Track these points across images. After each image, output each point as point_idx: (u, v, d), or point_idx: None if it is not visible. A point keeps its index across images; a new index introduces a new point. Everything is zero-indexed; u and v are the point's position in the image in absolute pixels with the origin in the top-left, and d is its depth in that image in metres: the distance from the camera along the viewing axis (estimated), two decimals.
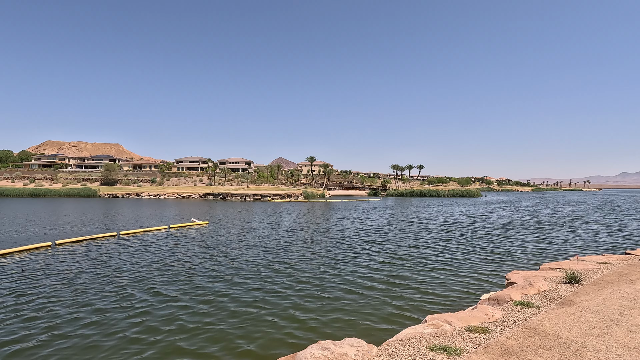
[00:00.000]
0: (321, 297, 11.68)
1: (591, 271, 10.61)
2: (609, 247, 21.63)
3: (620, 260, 12.17)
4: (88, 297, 11.86)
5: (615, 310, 7.23)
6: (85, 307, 10.95)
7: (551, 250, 20.46)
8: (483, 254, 19.00)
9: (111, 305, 11.06)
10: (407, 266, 16.25)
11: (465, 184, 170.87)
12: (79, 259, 17.66)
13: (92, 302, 11.38)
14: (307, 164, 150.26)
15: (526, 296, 8.32)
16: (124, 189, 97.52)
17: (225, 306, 10.97)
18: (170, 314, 10.36)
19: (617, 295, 8.26)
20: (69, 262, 16.85)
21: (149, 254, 18.99)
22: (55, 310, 10.68)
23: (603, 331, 6.24)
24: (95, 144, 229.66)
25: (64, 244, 21.68)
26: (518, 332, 6.21)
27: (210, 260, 17.35)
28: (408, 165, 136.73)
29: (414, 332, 6.32)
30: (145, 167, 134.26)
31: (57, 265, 16.33)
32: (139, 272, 15.07)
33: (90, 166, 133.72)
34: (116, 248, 20.55)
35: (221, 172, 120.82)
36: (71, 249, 20.33)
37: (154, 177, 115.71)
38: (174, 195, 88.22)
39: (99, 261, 17.15)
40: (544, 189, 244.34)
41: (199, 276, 14.48)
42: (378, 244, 22.44)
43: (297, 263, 16.68)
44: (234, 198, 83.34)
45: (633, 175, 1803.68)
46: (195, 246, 21.27)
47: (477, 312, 7.45)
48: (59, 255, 18.40)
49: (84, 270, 15.42)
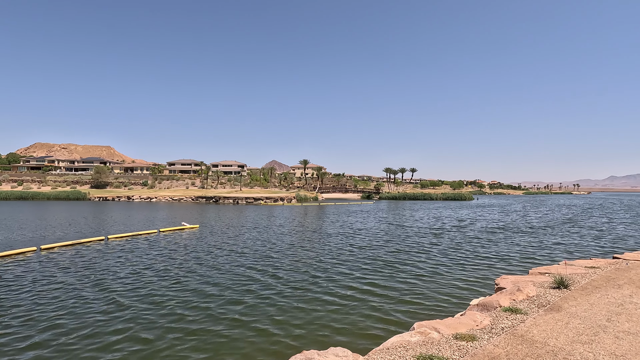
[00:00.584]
0: (307, 305, 11.48)
1: (579, 276, 10.63)
2: (598, 251, 21.84)
3: (608, 265, 12.23)
4: (67, 304, 11.54)
5: (602, 316, 7.21)
6: (66, 315, 10.64)
7: (541, 254, 20.57)
8: (473, 258, 19.02)
9: (91, 315, 10.77)
10: (397, 272, 16.16)
11: (457, 187, 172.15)
12: (64, 265, 17.25)
13: (73, 310, 11.07)
14: (301, 167, 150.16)
15: (515, 302, 8.27)
16: (114, 192, 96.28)
17: (207, 315, 10.71)
18: (150, 323, 10.10)
19: (604, 300, 8.25)
20: (52, 269, 16.44)
21: (135, 259, 18.63)
22: (32, 316, 10.36)
23: (590, 338, 6.19)
24: (86, 146, 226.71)
25: (49, 249, 21.20)
26: (506, 339, 6.13)
27: (197, 267, 17.07)
28: (401, 169, 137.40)
29: (401, 341, 6.21)
30: (137, 169, 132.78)
31: (38, 271, 15.92)
32: (123, 279, 14.75)
33: (81, 169, 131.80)
34: (103, 253, 20.14)
35: (214, 175, 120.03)
36: (56, 254, 19.87)
37: (145, 180, 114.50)
38: (165, 199, 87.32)
39: (84, 267, 16.76)
40: (535, 192, 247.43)
41: (184, 283, 14.22)
42: (367, 248, 22.36)
43: (285, 270, 16.43)
44: (226, 201, 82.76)
45: (621, 179, 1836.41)
46: (184, 251, 20.96)
47: (465, 319, 7.37)
48: (42, 261, 17.96)
49: (67, 276, 15.05)
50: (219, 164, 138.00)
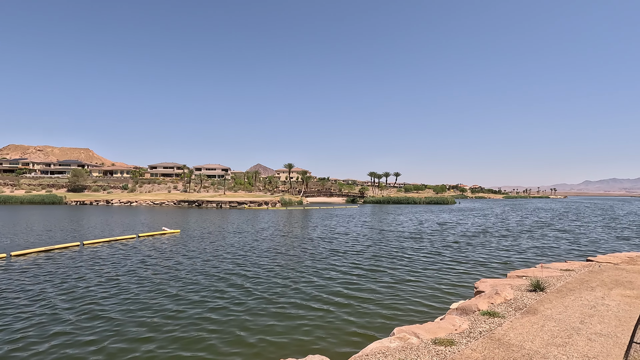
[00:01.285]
0: (286, 313, 11.29)
1: (555, 278, 10.90)
2: (573, 253, 22.50)
3: (582, 267, 12.59)
4: (34, 314, 11.03)
5: (576, 319, 7.38)
6: (33, 327, 10.15)
7: (519, 257, 21.04)
8: (454, 262, 19.27)
9: (60, 326, 10.31)
10: (378, 276, 16.19)
11: (440, 191, 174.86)
12: (34, 272, 16.52)
13: (41, 321, 10.58)
14: (286, 171, 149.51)
15: (493, 305, 8.38)
16: (92, 196, 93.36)
17: (181, 325, 10.40)
18: (120, 334, 9.75)
19: (578, 302, 8.46)
20: (22, 276, 15.72)
21: (110, 266, 18.04)
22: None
23: (565, 340, 6.32)
24: (63, 148, 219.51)
25: (20, 256, 20.28)
26: (483, 343, 6.18)
27: (175, 273, 16.65)
28: (385, 173, 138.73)
29: (380, 347, 6.18)
30: (117, 173, 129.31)
31: (7, 279, 15.19)
32: (96, 287, 14.23)
33: (57, 172, 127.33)
34: (77, 259, 19.41)
35: (197, 179, 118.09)
36: (28, 261, 19.02)
37: (125, 183, 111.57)
38: (146, 203, 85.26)
39: (56, 275, 16.09)
40: (514, 196, 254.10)
41: (160, 291, 13.83)
42: (349, 253, 22.36)
43: (264, 277, 16.08)
44: (209, 205, 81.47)
45: (595, 184, 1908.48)
46: (162, 257, 20.43)
47: (444, 323, 7.41)
48: (12, 269, 17.15)
49: (38, 284, 14.41)
50: (202, 168, 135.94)
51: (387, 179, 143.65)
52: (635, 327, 6.93)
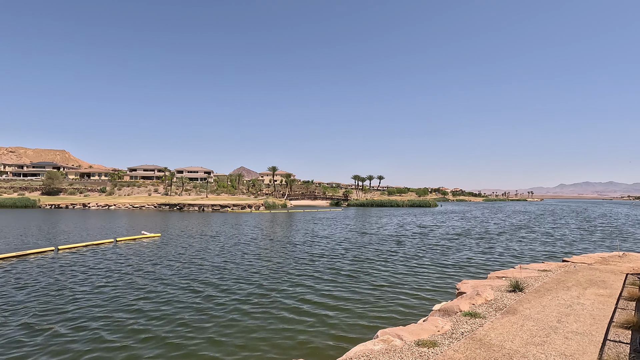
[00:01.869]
0: (268, 318, 11.08)
1: (533, 279, 11.18)
2: (549, 254, 23.21)
3: (558, 268, 12.99)
4: (4, 324, 10.50)
5: (553, 318, 7.58)
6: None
7: (498, 258, 21.54)
8: (436, 264, 19.55)
9: (29, 337, 9.85)
10: (361, 280, 16.23)
11: (422, 194, 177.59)
12: (4, 279, 15.75)
13: (8, 334, 10.08)
14: (269, 174, 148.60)
15: (474, 306, 8.51)
16: (68, 199, 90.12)
17: (155, 336, 10.09)
18: (89, 342, 9.40)
19: (555, 302, 8.70)
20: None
21: (86, 271, 17.42)
22: None
23: (543, 339, 6.46)
24: (38, 149, 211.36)
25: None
26: (465, 344, 6.25)
27: (154, 278, 16.22)
28: (369, 176, 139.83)
29: (364, 350, 6.16)
30: (95, 175, 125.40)
31: None
32: (71, 295, 13.70)
33: (30, 174, 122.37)
34: (50, 265, 18.64)
35: (178, 182, 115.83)
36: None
37: (103, 186, 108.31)
38: (125, 206, 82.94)
39: (27, 282, 15.39)
40: (494, 199, 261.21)
41: (136, 297, 13.44)
42: (332, 257, 22.36)
43: (248, 282, 15.72)
44: (191, 209, 79.99)
45: (569, 187, 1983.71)
46: (141, 262, 19.89)
47: (427, 325, 7.47)
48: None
49: (8, 292, 13.74)
50: (184, 170, 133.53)
51: (370, 182, 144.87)
52: (609, 325, 7.17)
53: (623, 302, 8.64)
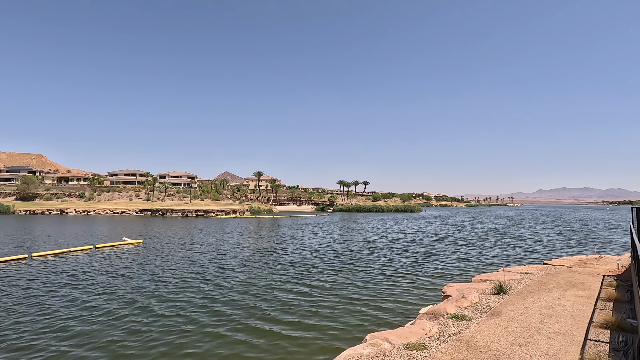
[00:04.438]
0: (254, 326, 10.93)
1: (516, 281, 11.44)
2: (531, 257, 23.82)
3: (539, 270, 13.34)
4: None
5: (536, 319, 7.76)
6: None
7: (482, 262, 21.95)
8: (422, 268, 19.76)
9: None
10: (348, 285, 16.25)
11: (406, 199, 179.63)
12: None
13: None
14: (254, 179, 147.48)
15: (460, 309, 8.63)
16: (44, 205, 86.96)
17: (148, 340, 9.88)
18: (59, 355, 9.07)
19: (537, 304, 8.92)
20: None
21: (62, 279, 16.80)
22: None
23: (527, 340, 6.61)
24: (12, 153, 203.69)
25: None
26: (452, 346, 6.33)
27: (136, 286, 15.80)
28: (354, 181, 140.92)
29: (353, 354, 6.15)
30: (73, 180, 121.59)
31: None
32: (43, 304, 13.18)
33: (4, 178, 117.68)
34: (23, 273, 17.88)
35: (161, 187, 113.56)
36: None
37: (82, 191, 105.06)
38: (105, 212, 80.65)
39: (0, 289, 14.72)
40: (476, 204, 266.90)
41: (116, 304, 13.05)
42: (319, 263, 22.32)
43: (231, 291, 15.38)
44: (174, 214, 78.47)
45: (547, 192, 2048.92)
46: (122, 269, 19.35)
47: (415, 328, 7.52)
48: None
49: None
50: (167, 175, 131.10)
51: (356, 188, 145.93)
52: (589, 325, 7.40)
53: (601, 303, 8.93)
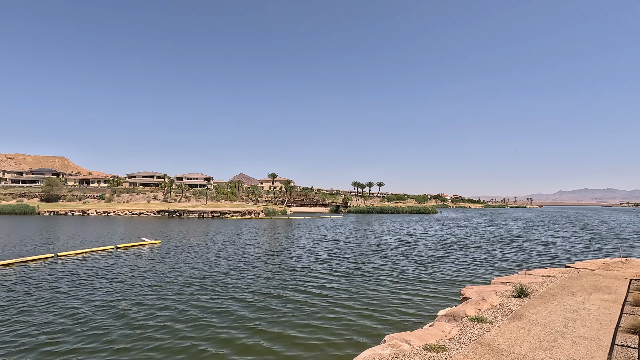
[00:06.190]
0: (273, 326, 11.00)
1: (537, 284, 11.19)
2: (552, 260, 23.19)
3: (562, 274, 13.00)
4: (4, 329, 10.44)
5: (560, 323, 7.58)
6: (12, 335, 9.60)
7: (501, 264, 21.51)
8: (438, 270, 19.52)
9: (29, 342, 9.80)
10: (364, 286, 16.20)
11: (422, 201, 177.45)
12: (5, 285, 15.67)
13: (13, 339, 10.02)
14: (269, 181, 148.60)
15: (480, 311, 8.51)
16: (67, 206, 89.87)
17: (170, 339, 10.09)
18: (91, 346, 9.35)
19: (561, 307, 8.70)
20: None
21: (86, 277, 17.34)
22: None
23: (551, 344, 6.46)
24: (37, 156, 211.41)
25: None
26: (474, 349, 6.25)
27: (156, 285, 16.17)
28: (368, 183, 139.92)
29: (373, 354, 6.15)
30: (94, 182, 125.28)
31: None
32: (72, 301, 13.64)
33: (30, 181, 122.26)
34: (51, 272, 18.55)
35: (178, 188, 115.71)
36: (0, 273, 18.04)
37: (102, 193, 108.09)
38: (124, 213, 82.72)
39: (28, 288, 15.31)
40: (493, 206, 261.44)
41: (135, 302, 13.38)
42: (334, 263, 22.30)
43: (250, 290, 15.50)
44: (191, 215, 79.80)
45: (568, 194, 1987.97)
46: (141, 268, 19.83)
47: (434, 330, 7.46)
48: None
49: (10, 297, 13.67)
50: (183, 177, 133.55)
51: (370, 189, 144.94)
52: (616, 329, 7.18)
53: (629, 307, 8.65)
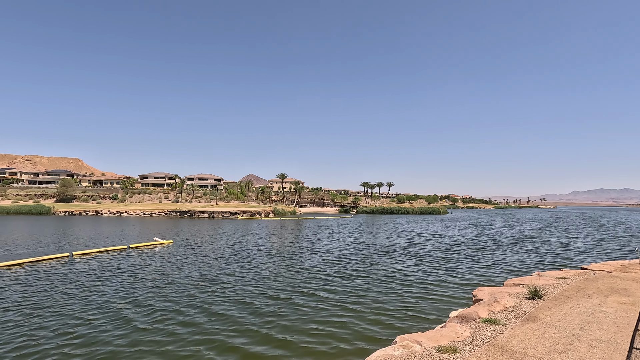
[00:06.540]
0: (286, 324, 11.09)
1: (551, 286, 10.97)
2: (566, 262, 22.72)
3: (577, 275, 12.72)
4: (24, 327, 10.70)
5: (576, 325, 7.42)
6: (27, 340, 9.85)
7: (513, 266, 21.17)
8: (450, 271, 19.31)
9: (49, 339, 10.02)
10: (375, 287, 16.13)
11: (432, 201, 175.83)
12: (22, 283, 16.07)
13: (32, 333, 10.27)
14: (278, 181, 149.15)
15: (493, 313, 8.39)
16: (81, 206, 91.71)
17: (185, 338, 10.21)
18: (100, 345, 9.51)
19: (576, 310, 8.52)
20: (9, 287, 15.27)
21: (100, 276, 17.66)
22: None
23: (566, 347, 6.34)
24: (52, 158, 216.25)
25: (7, 267, 19.71)
26: (487, 351, 6.17)
27: (165, 283, 16.38)
28: (378, 183, 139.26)
29: (384, 355, 6.12)
30: (107, 182, 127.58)
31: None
32: (84, 299, 13.91)
33: (45, 181, 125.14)
34: (66, 271, 18.95)
35: (189, 189, 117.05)
36: (14, 272, 18.49)
37: (115, 193, 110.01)
38: (136, 213, 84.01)
39: (44, 286, 15.68)
40: (505, 206, 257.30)
41: (147, 302, 13.57)
42: (345, 264, 22.27)
43: (261, 290, 15.69)
44: (201, 215, 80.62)
45: (583, 194, 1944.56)
46: (155, 267, 20.12)
47: (446, 331, 7.38)
48: (0, 279, 16.66)
49: (27, 295, 14.02)
50: (194, 178, 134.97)
51: (380, 189, 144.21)
52: (634, 333, 7.00)
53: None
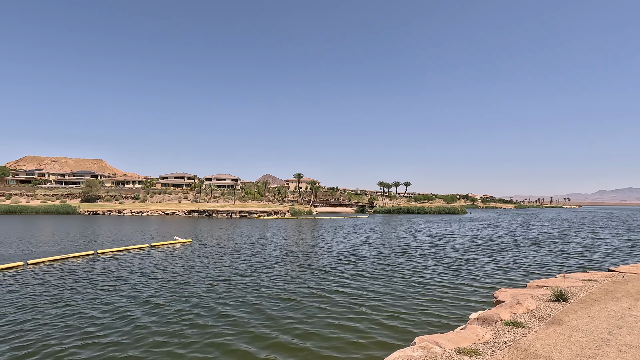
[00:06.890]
0: (303, 324, 11.13)
1: (577, 289, 10.59)
2: (592, 264, 21.89)
3: (604, 278, 12.22)
4: (51, 322, 11.13)
5: (604, 329, 7.14)
6: (57, 333, 10.25)
7: (536, 267, 20.55)
8: (470, 272, 18.92)
9: (73, 333, 10.38)
10: (393, 287, 15.98)
11: (450, 201, 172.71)
12: (50, 279, 16.75)
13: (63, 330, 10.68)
14: (295, 181, 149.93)
15: (515, 315, 8.17)
16: (105, 206, 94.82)
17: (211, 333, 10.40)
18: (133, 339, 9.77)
19: (604, 313, 8.19)
20: (38, 284, 15.94)
21: (123, 275, 18.19)
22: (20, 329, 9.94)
23: (594, 352, 6.10)
24: (77, 159, 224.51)
25: (36, 264, 20.59)
26: (509, 354, 6.01)
27: (189, 281, 16.72)
28: (395, 182, 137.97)
29: (403, 356, 6.05)
30: (129, 183, 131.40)
31: (24, 286, 15.42)
32: (107, 296, 14.34)
33: (71, 182, 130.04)
34: (91, 268, 19.62)
35: (207, 189, 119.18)
36: (44, 269, 19.29)
37: (137, 193, 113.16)
38: (157, 213, 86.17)
39: (71, 283, 16.28)
40: (526, 206, 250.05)
41: (168, 305, 13.86)
42: (363, 264, 22.14)
43: (280, 289, 15.87)
44: (219, 215, 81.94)
45: (610, 193, 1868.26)
46: (176, 265, 20.57)
47: (466, 333, 7.23)
48: (28, 276, 17.40)
49: (55, 292, 14.59)
50: (212, 178, 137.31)
51: (396, 189, 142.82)
52: None
53: None
